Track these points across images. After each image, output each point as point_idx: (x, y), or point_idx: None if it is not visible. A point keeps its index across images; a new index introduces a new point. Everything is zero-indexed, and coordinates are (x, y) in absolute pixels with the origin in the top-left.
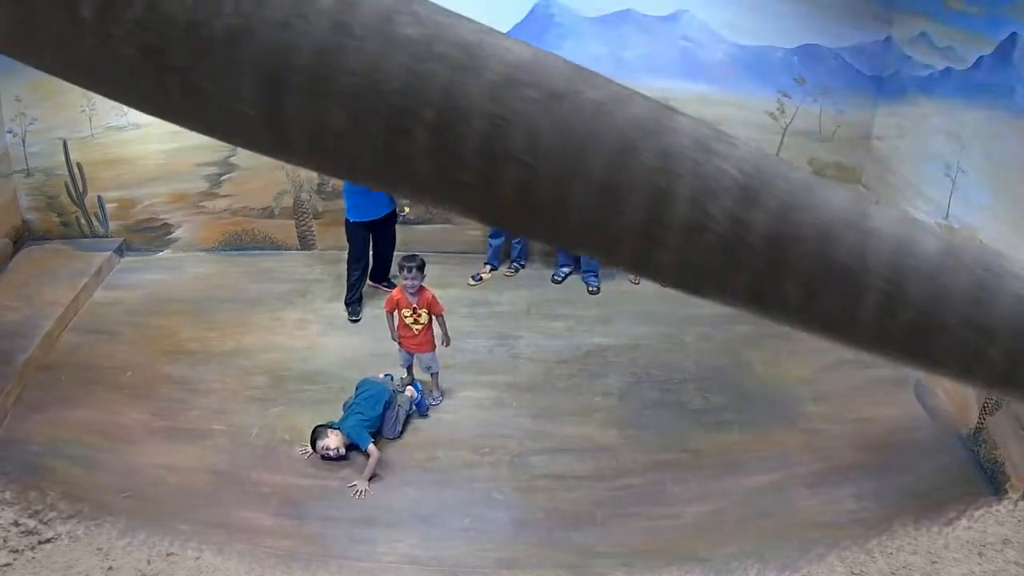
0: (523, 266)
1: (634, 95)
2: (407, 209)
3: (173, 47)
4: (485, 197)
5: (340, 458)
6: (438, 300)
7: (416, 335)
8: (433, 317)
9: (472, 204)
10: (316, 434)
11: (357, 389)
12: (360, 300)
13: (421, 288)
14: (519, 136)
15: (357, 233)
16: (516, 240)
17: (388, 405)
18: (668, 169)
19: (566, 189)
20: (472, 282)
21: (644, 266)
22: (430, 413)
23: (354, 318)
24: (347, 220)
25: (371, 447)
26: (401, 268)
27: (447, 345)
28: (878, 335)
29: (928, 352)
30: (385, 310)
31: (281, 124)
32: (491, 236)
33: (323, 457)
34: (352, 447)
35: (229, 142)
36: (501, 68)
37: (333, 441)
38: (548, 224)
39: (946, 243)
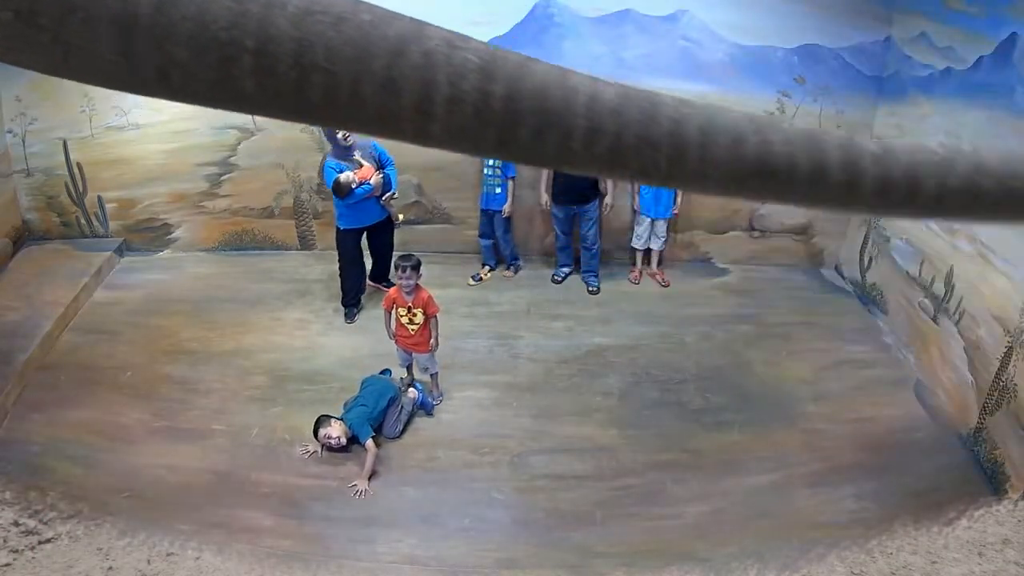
0: (520, 266)
1: (397, 15)
2: (401, 216)
3: (43, 9)
4: (299, 101)
5: (341, 448)
6: (434, 300)
7: (412, 335)
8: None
9: (291, 108)
10: (319, 422)
11: (362, 386)
12: (357, 304)
13: (417, 287)
14: (320, 51)
15: (347, 241)
16: (506, 244)
17: (392, 401)
18: (429, 63)
19: (359, 86)
20: (472, 282)
21: (423, 137)
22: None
23: (348, 320)
24: (337, 228)
25: (369, 442)
26: (396, 268)
27: (435, 349)
28: (588, 158)
29: (623, 164)
30: (383, 307)
31: (136, 65)
32: (481, 236)
33: (324, 446)
34: (353, 440)
35: (95, 84)
36: (298, 2)
37: (336, 430)
38: (349, 114)
39: (620, 88)
